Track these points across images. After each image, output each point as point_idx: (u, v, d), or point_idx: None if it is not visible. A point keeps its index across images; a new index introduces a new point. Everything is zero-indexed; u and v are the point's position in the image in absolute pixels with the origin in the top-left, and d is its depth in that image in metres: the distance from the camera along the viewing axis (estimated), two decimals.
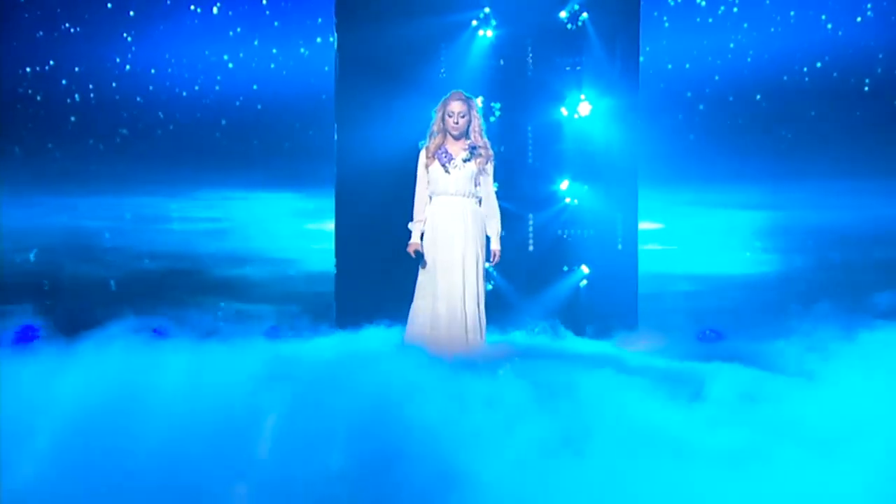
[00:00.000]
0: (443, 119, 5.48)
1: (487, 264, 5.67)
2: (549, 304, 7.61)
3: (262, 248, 7.53)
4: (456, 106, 5.47)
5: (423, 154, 5.59)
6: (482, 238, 5.54)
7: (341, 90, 7.31)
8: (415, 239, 5.52)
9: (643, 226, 7.45)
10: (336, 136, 7.32)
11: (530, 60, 7.87)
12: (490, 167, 5.57)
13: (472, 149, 5.50)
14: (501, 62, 7.89)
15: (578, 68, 7.75)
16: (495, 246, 5.60)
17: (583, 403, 3.33)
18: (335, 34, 7.29)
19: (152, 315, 6.32)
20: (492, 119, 7.62)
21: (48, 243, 7.26)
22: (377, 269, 7.39)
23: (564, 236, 8.05)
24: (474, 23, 7.72)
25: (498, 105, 7.79)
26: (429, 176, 5.53)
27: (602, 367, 4.09)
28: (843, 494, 2.71)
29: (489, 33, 7.71)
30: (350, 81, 7.38)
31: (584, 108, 7.71)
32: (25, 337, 6.48)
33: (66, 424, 3.18)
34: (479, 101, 7.21)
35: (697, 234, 7.53)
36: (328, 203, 7.40)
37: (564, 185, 7.84)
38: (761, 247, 7.28)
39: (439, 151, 5.52)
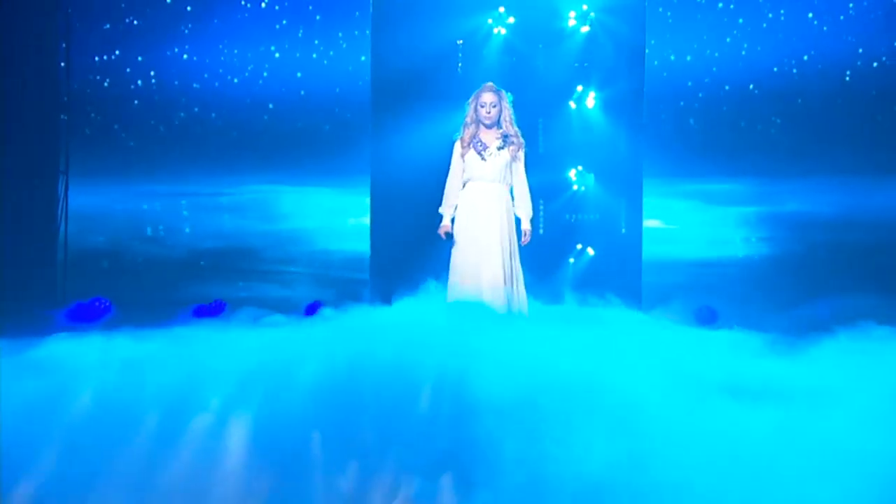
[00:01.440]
0: (476, 110, 5.72)
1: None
2: (558, 283, 7.92)
3: (300, 239, 8.38)
4: (488, 97, 5.73)
5: (457, 144, 5.82)
6: (513, 220, 5.79)
7: (376, 80, 7.99)
8: (445, 222, 5.77)
9: (648, 220, 8.14)
10: (371, 128, 8.04)
11: (541, 55, 8.34)
12: (521, 154, 5.81)
13: (505, 137, 5.75)
14: (514, 57, 8.36)
15: (586, 64, 8.24)
16: (526, 226, 5.83)
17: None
18: (370, 27, 8.03)
19: (210, 293, 7.38)
20: None
21: (114, 225, 8.11)
22: (407, 252, 7.94)
23: (572, 221, 8.50)
24: (490, 21, 8.26)
25: (510, 96, 8.39)
26: (464, 164, 5.75)
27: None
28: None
29: (503, 31, 8.25)
30: (383, 74, 8.00)
31: (591, 101, 8.23)
32: (94, 310, 7.23)
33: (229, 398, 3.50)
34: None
35: (696, 219, 8.27)
36: (364, 192, 8.13)
37: (572, 173, 8.33)
38: (754, 232, 8.06)
39: (474, 140, 5.75)
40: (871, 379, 3.80)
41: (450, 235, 5.71)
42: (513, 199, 5.81)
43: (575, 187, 8.22)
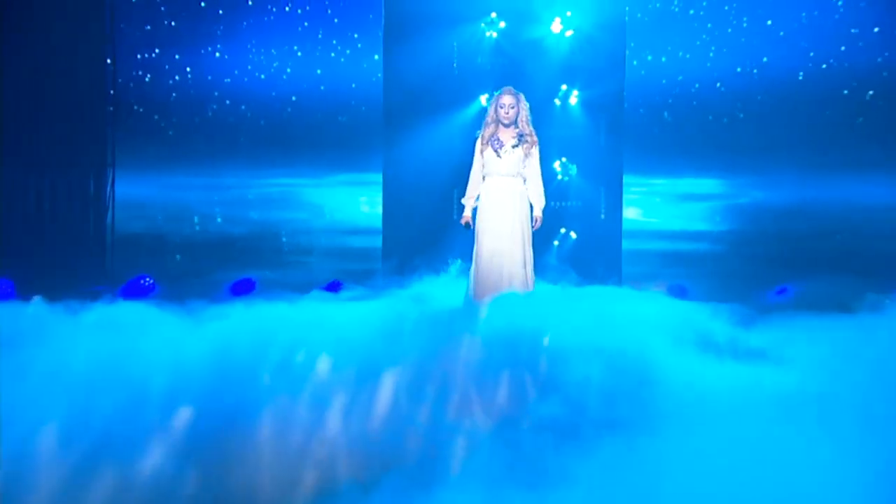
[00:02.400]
0: (496, 110, 6.04)
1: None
2: (545, 263, 8.37)
3: (320, 223, 9.30)
4: (507, 99, 6.05)
5: (478, 142, 6.12)
6: (527, 210, 6.08)
7: (388, 76, 8.93)
8: (467, 213, 6.15)
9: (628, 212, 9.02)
10: (385, 126, 8.95)
11: (529, 57, 9.05)
12: (535, 150, 6.09)
13: (520, 136, 6.04)
14: (504, 58, 9.10)
15: (571, 63, 9.00)
16: (538, 214, 6.10)
17: None
18: (382, 29, 8.96)
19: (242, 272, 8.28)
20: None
21: (154, 212, 8.99)
22: (414, 236, 8.94)
23: (557, 207, 9.06)
24: (483, 25, 9.09)
25: (500, 93, 9.17)
26: (483, 160, 6.08)
27: None
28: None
29: (494, 34, 9.08)
30: (394, 71, 8.94)
31: (574, 99, 9.02)
32: (139, 287, 8.16)
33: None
34: (483, 99, 8.91)
35: (670, 206, 9.19)
36: (377, 179, 9.09)
37: (557, 164, 9.03)
38: (721, 221, 9.00)
39: (492, 139, 6.05)
40: (813, 340, 4.58)
41: (469, 224, 6.09)
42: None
43: (559, 177, 8.94)
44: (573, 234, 9.03)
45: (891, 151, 8.06)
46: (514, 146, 5.98)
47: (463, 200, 6.21)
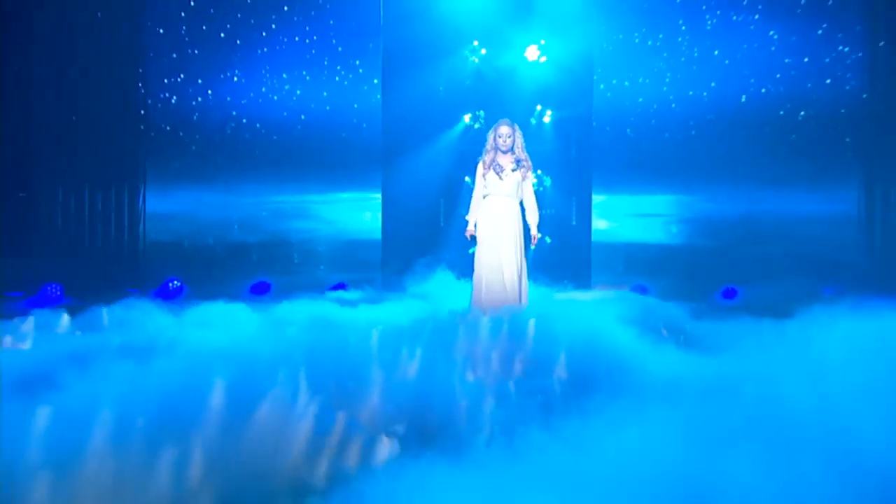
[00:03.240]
0: (494, 139, 6.60)
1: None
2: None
3: (326, 231, 10.31)
4: (504, 129, 6.62)
5: (480, 166, 6.65)
6: (522, 227, 6.61)
7: (386, 97, 10.08)
8: (470, 227, 6.67)
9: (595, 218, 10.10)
10: (382, 139, 10.11)
11: (507, 80, 10.16)
12: (530, 174, 6.65)
13: (518, 161, 6.58)
14: (485, 81, 10.22)
15: (544, 86, 10.10)
16: (534, 231, 6.67)
17: None
18: (381, 56, 10.11)
19: (258, 276, 9.59)
20: (476, 126, 10.18)
21: (181, 222, 9.92)
22: (411, 245, 9.99)
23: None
24: (466, 52, 10.24)
25: (482, 113, 10.27)
26: (485, 182, 6.59)
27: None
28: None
29: (476, 60, 10.22)
30: (391, 92, 10.09)
31: (547, 118, 10.14)
32: (169, 290, 9.37)
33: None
34: (467, 117, 10.00)
35: (633, 215, 10.21)
36: (376, 190, 10.23)
37: (535, 180, 9.76)
38: (678, 230, 10.05)
39: (493, 164, 6.56)
40: (750, 333, 5.48)
41: (474, 238, 6.64)
42: (523, 210, 6.67)
43: (538, 189, 9.68)
44: (548, 239, 9.94)
45: (818, 165, 9.26)
46: (513, 170, 6.55)
47: (467, 217, 6.72)
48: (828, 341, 4.66)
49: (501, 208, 6.54)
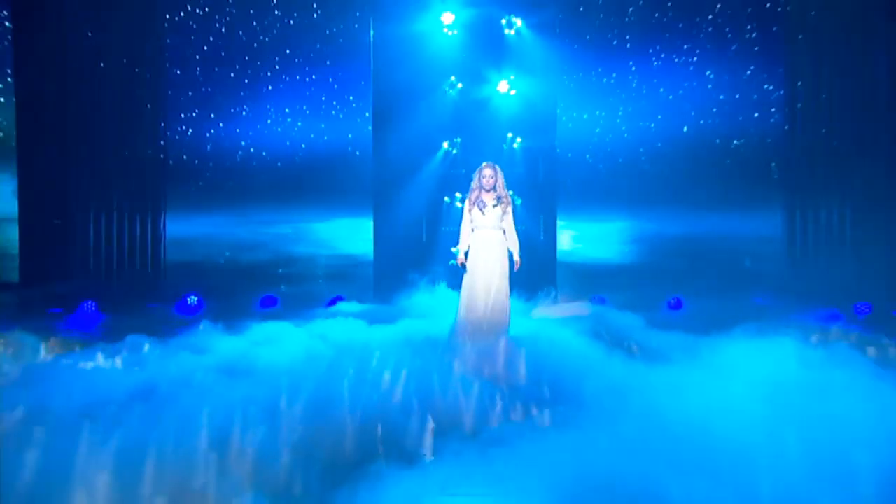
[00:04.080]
0: (479, 179, 7.10)
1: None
2: None
3: (325, 249, 11.49)
4: (487, 171, 7.12)
5: (467, 202, 7.16)
6: (506, 254, 7.09)
7: (376, 128, 11.33)
8: (460, 257, 7.10)
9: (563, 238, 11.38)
10: (373, 165, 11.35)
11: (482, 111, 11.29)
12: (510, 209, 7.14)
13: (499, 198, 7.07)
14: (462, 112, 11.29)
15: (515, 116, 11.24)
16: (517, 258, 7.14)
17: None
18: (371, 91, 11.38)
19: (265, 292, 10.71)
20: (454, 151, 11.34)
21: (196, 246, 11.13)
22: (400, 263, 11.02)
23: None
24: (445, 86, 11.31)
25: (459, 139, 11.38)
26: (471, 216, 7.10)
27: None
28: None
29: (454, 93, 11.33)
30: (380, 124, 11.33)
31: (516, 144, 11.28)
32: (187, 304, 10.41)
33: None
34: (446, 143, 11.24)
35: (592, 232, 11.43)
36: (368, 215, 11.36)
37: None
38: (630, 246, 11.32)
39: (478, 201, 7.06)
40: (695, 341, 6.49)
41: (464, 265, 7.11)
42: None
43: None
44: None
45: (748, 189, 10.81)
46: (495, 205, 7.08)
47: (458, 248, 7.20)
48: (752, 357, 5.51)
49: (486, 240, 7.05)
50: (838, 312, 9.22)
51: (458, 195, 11.25)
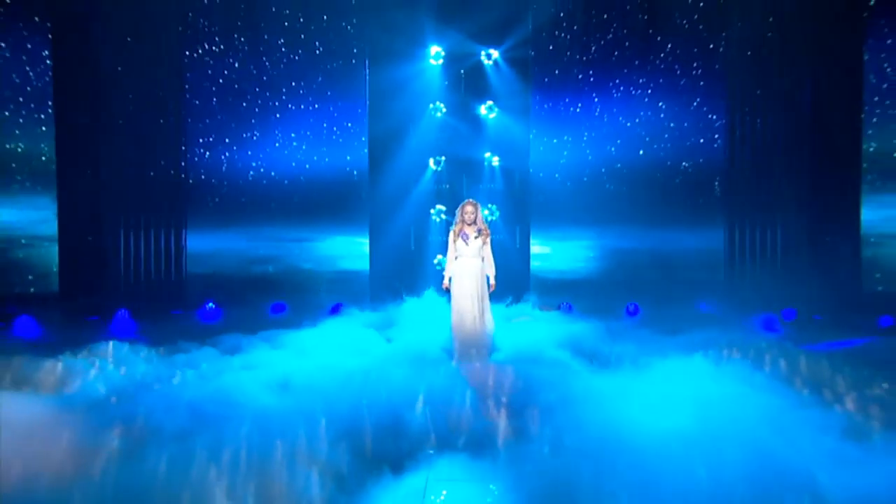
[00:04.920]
0: (461, 215, 7.96)
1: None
2: None
3: (326, 259, 13.01)
4: (469, 208, 7.95)
5: (451, 234, 8.03)
6: (485, 279, 7.96)
7: (371, 149, 12.84)
8: (446, 282, 8.05)
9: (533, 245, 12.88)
10: (369, 183, 12.85)
11: (464, 132, 12.80)
12: (488, 240, 8.01)
13: (479, 231, 7.94)
14: (447, 132, 12.77)
15: (493, 138, 12.76)
16: (493, 281, 8.06)
17: None
18: (367, 116, 12.89)
19: (276, 299, 11.96)
20: (438, 169, 12.76)
21: (213, 258, 12.56)
22: (392, 272, 12.55)
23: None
24: (431, 107, 12.81)
25: (443, 158, 12.83)
26: (455, 246, 7.94)
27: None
28: None
29: (439, 114, 12.83)
30: (375, 145, 12.82)
31: (496, 162, 12.79)
32: (207, 310, 11.73)
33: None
34: (431, 161, 12.68)
35: (561, 244, 12.90)
36: (365, 228, 12.89)
37: (486, 211, 12.59)
38: (594, 256, 12.83)
39: (462, 233, 7.93)
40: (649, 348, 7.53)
41: (448, 289, 8.03)
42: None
43: (489, 218, 12.75)
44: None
45: (696, 205, 12.44)
46: (475, 237, 7.96)
47: (445, 273, 8.18)
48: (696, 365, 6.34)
49: (468, 267, 7.93)
50: (773, 317, 10.62)
51: (442, 208, 12.82)
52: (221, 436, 4.44)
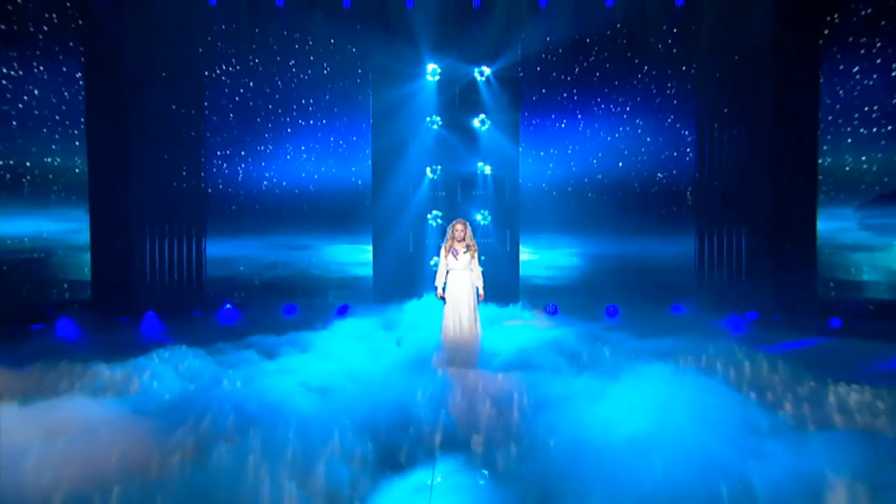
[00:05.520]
0: (452, 232, 8.71)
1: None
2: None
3: (333, 263, 14.20)
4: (459, 226, 8.70)
5: (443, 249, 8.76)
6: (475, 289, 8.69)
7: (374, 160, 14.07)
8: (439, 292, 8.75)
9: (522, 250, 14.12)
10: (372, 191, 14.06)
11: (459, 143, 13.96)
12: (476, 255, 8.74)
13: (468, 246, 8.68)
14: (443, 143, 13.96)
15: (486, 148, 13.91)
16: (482, 292, 8.77)
17: None
18: (370, 131, 14.09)
19: (288, 301, 13.09)
20: (434, 177, 13.91)
21: (230, 263, 13.76)
22: (394, 277, 13.81)
23: (480, 242, 12.55)
24: (427, 121, 13.99)
25: (439, 167, 14.00)
26: (447, 260, 8.69)
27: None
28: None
29: (435, 126, 14.00)
30: (378, 155, 14.03)
31: (487, 170, 13.95)
32: (226, 310, 13.00)
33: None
34: (429, 170, 13.93)
35: (547, 249, 14.10)
36: (368, 235, 14.09)
37: (479, 216, 13.95)
38: (577, 260, 14.04)
39: (452, 248, 8.67)
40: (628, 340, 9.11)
41: (443, 299, 8.75)
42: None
43: (482, 223, 14.04)
44: (482, 258, 13.63)
45: (670, 213, 13.71)
46: (465, 252, 8.75)
47: (437, 284, 8.91)
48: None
49: (459, 279, 8.76)
50: (738, 318, 11.92)
51: (438, 213, 14.03)
52: (277, 432, 5.34)
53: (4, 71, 11.52)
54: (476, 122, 14.05)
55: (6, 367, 7.62)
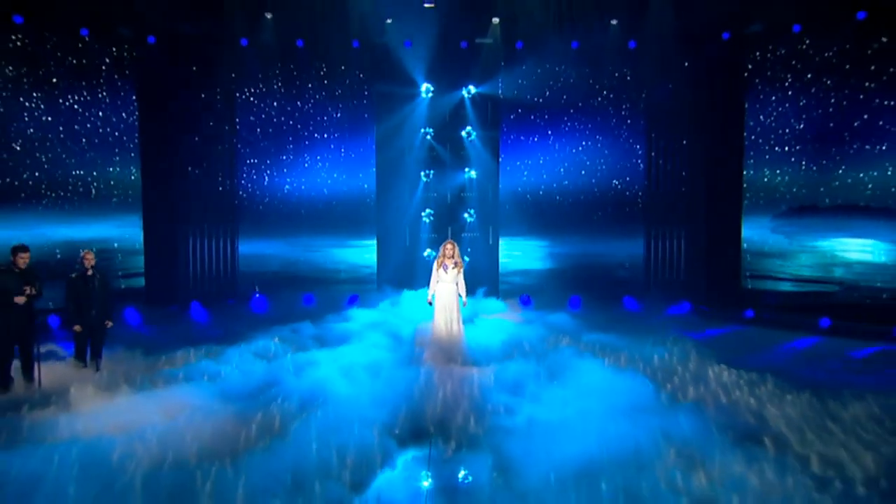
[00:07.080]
0: (443, 251, 10.52)
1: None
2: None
3: (343, 261, 16.64)
4: (449, 246, 10.54)
5: (435, 264, 10.59)
6: (458, 298, 10.49)
7: (378, 168, 16.62)
8: (429, 298, 10.54)
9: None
10: (376, 195, 16.58)
11: (448, 151, 16.45)
12: (461, 270, 10.50)
13: (455, 263, 10.45)
14: (434, 151, 16.41)
15: (472, 156, 16.40)
16: (465, 300, 10.64)
17: None
18: (375, 141, 16.61)
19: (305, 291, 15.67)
20: (428, 180, 16.36)
21: (258, 259, 16.27)
22: (395, 270, 16.26)
23: (465, 237, 16.36)
24: (422, 131, 16.46)
25: (431, 171, 16.46)
26: (438, 274, 10.44)
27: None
28: None
29: (428, 136, 16.45)
30: (382, 163, 16.54)
31: (473, 174, 16.46)
32: (256, 299, 15.54)
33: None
34: (423, 174, 16.54)
35: (523, 249, 16.64)
36: (372, 237, 16.57)
37: (466, 214, 16.41)
38: (547, 257, 16.61)
39: (443, 264, 10.45)
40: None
41: (432, 304, 10.52)
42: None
43: (469, 220, 16.65)
44: (466, 258, 15.76)
45: (624, 216, 16.37)
46: (453, 267, 10.65)
47: (428, 293, 10.77)
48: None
49: (446, 290, 10.64)
50: (676, 307, 14.64)
51: (430, 211, 16.68)
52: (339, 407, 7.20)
53: (75, 97, 13.99)
54: (464, 134, 16.51)
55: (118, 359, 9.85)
